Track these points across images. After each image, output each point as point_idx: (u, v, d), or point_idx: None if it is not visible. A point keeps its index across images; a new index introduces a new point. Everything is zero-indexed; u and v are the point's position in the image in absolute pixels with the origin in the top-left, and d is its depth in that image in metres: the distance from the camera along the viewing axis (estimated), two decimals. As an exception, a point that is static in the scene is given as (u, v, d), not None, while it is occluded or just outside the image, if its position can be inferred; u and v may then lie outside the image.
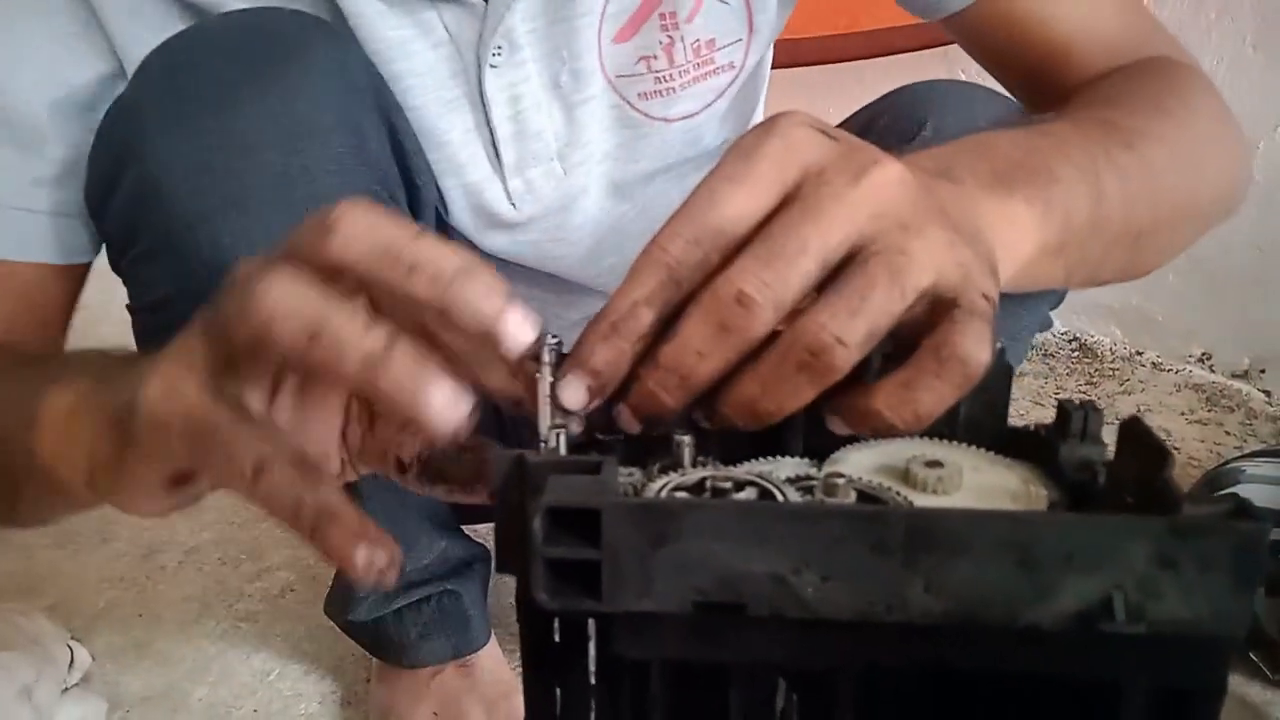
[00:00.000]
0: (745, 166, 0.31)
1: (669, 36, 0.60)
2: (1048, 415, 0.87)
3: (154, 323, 0.57)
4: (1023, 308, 0.62)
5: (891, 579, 0.25)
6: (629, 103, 0.62)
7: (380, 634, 0.77)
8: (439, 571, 0.75)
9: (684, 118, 0.63)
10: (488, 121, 0.60)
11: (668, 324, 0.31)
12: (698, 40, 0.61)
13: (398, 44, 0.56)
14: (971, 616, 0.25)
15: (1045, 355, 1.45)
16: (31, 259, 0.58)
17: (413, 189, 0.59)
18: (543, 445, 0.31)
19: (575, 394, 0.31)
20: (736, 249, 0.31)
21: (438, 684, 0.78)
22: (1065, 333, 1.48)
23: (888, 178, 0.31)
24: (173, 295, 0.53)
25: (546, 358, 0.31)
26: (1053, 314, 1.49)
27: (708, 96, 0.63)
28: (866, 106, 0.64)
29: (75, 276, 0.60)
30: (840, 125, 0.64)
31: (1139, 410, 1.30)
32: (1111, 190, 0.43)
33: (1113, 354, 1.43)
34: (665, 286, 0.31)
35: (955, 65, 1.30)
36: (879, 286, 0.30)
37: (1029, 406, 1.33)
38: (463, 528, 0.79)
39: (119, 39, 0.56)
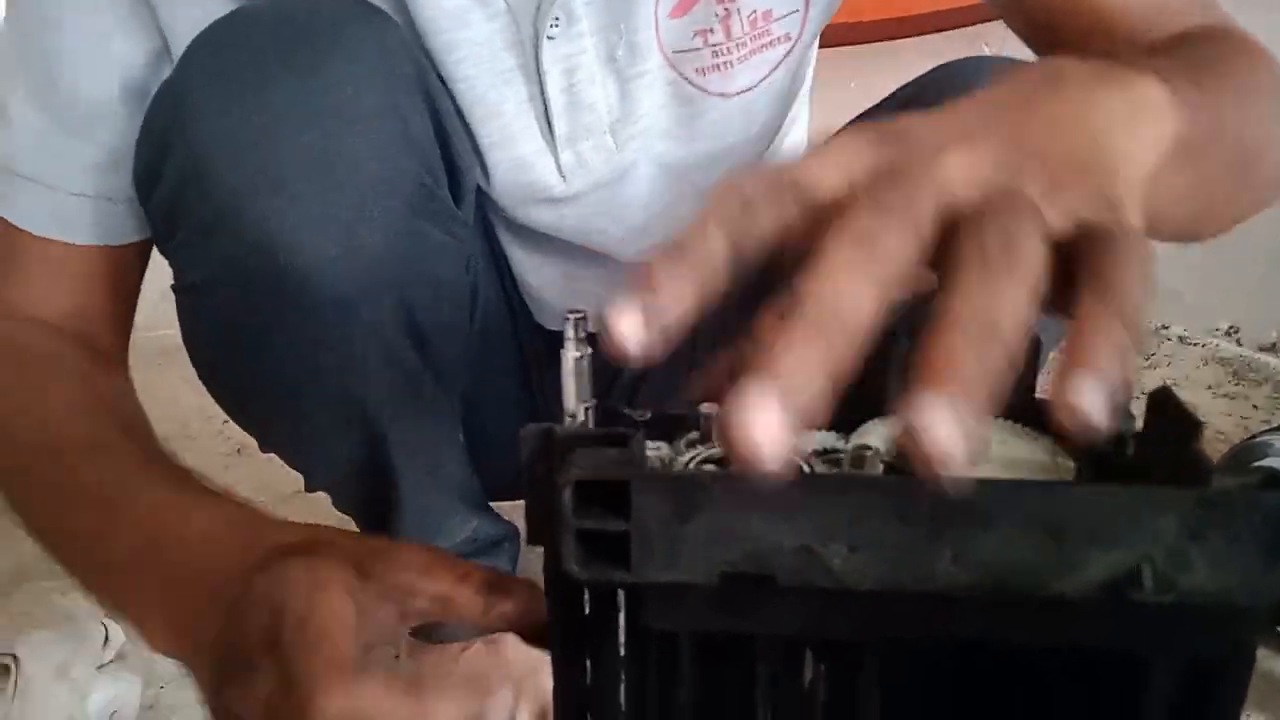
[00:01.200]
0: (819, 151, 0.28)
1: (725, 9, 0.60)
2: None
3: (198, 304, 0.58)
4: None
5: (919, 550, 0.25)
6: (686, 78, 0.62)
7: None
8: (468, 550, 0.76)
9: (741, 92, 0.63)
10: (542, 94, 0.60)
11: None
12: (754, 12, 0.61)
13: (455, 13, 0.56)
14: (999, 587, 0.25)
15: (1070, 330, 1.44)
16: (87, 241, 0.60)
17: (454, 172, 0.59)
18: (568, 420, 0.31)
19: (630, 323, 0.24)
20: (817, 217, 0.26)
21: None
22: (1090, 307, 1.47)
23: (962, 158, 0.27)
24: (217, 276, 0.54)
25: (572, 331, 0.31)
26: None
27: (764, 69, 0.63)
28: (907, 84, 0.64)
29: (138, 252, 0.62)
30: (881, 103, 0.63)
31: (1164, 384, 1.29)
32: (1223, 101, 0.39)
33: (1138, 328, 1.42)
34: (738, 218, 0.26)
35: (978, 44, 1.29)
36: (1021, 231, 0.25)
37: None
38: (492, 506, 0.80)
39: (165, 17, 0.56)
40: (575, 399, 0.31)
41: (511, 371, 0.75)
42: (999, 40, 0.62)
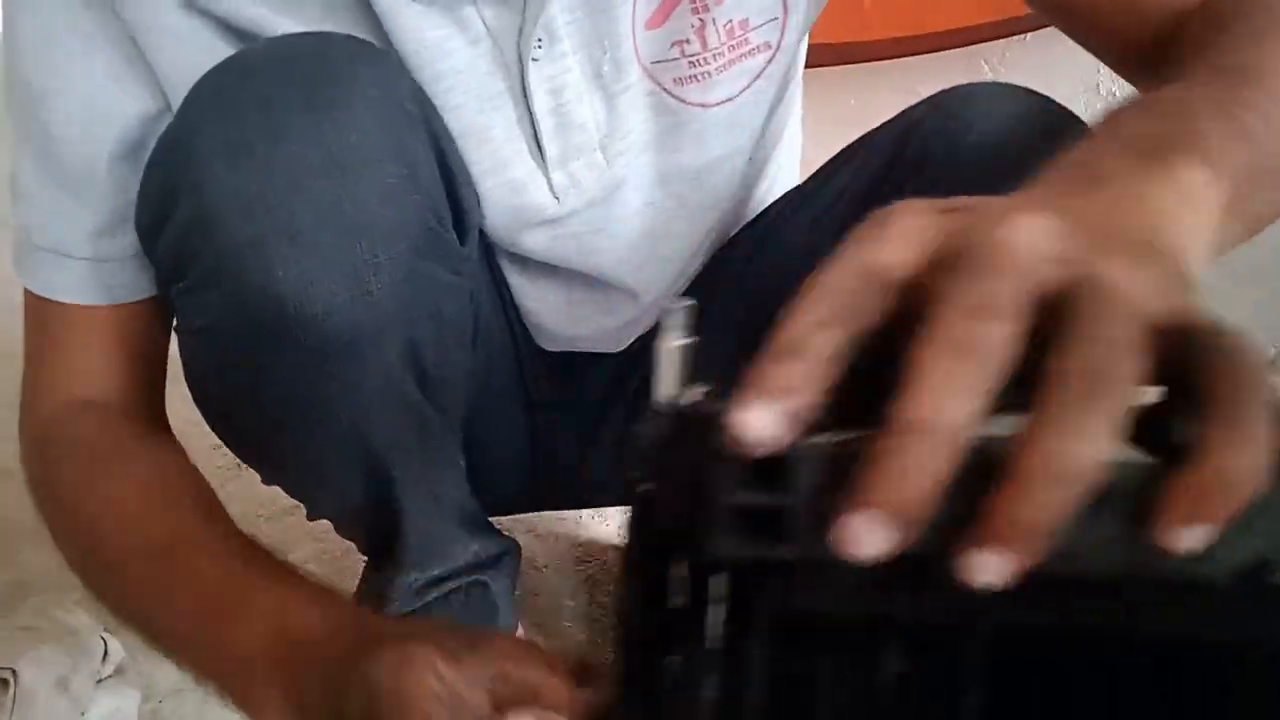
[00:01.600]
0: (877, 229, 0.27)
1: (700, 19, 0.60)
2: None
3: (204, 347, 0.58)
4: None
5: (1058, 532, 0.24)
6: (665, 89, 0.62)
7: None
8: (466, 569, 0.76)
9: (722, 102, 0.63)
10: (530, 116, 0.60)
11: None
12: (730, 21, 0.60)
13: (435, 44, 0.56)
14: (1139, 572, 0.24)
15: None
16: (107, 302, 0.61)
17: (458, 209, 0.59)
18: (657, 406, 0.28)
19: (759, 419, 0.24)
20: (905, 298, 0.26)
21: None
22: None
23: (1036, 222, 0.25)
24: (225, 322, 0.54)
25: (674, 319, 0.29)
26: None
27: (744, 79, 0.63)
28: (906, 111, 0.63)
29: (158, 305, 0.62)
30: (879, 128, 0.63)
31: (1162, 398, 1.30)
32: (1257, 127, 0.39)
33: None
34: (840, 311, 0.26)
35: (976, 62, 1.30)
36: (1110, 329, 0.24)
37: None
38: (491, 522, 0.80)
39: (163, 68, 0.56)
40: (675, 385, 0.28)
41: (511, 393, 0.75)
42: (998, 60, 0.62)
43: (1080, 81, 1.21)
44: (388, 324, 0.55)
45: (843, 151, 0.68)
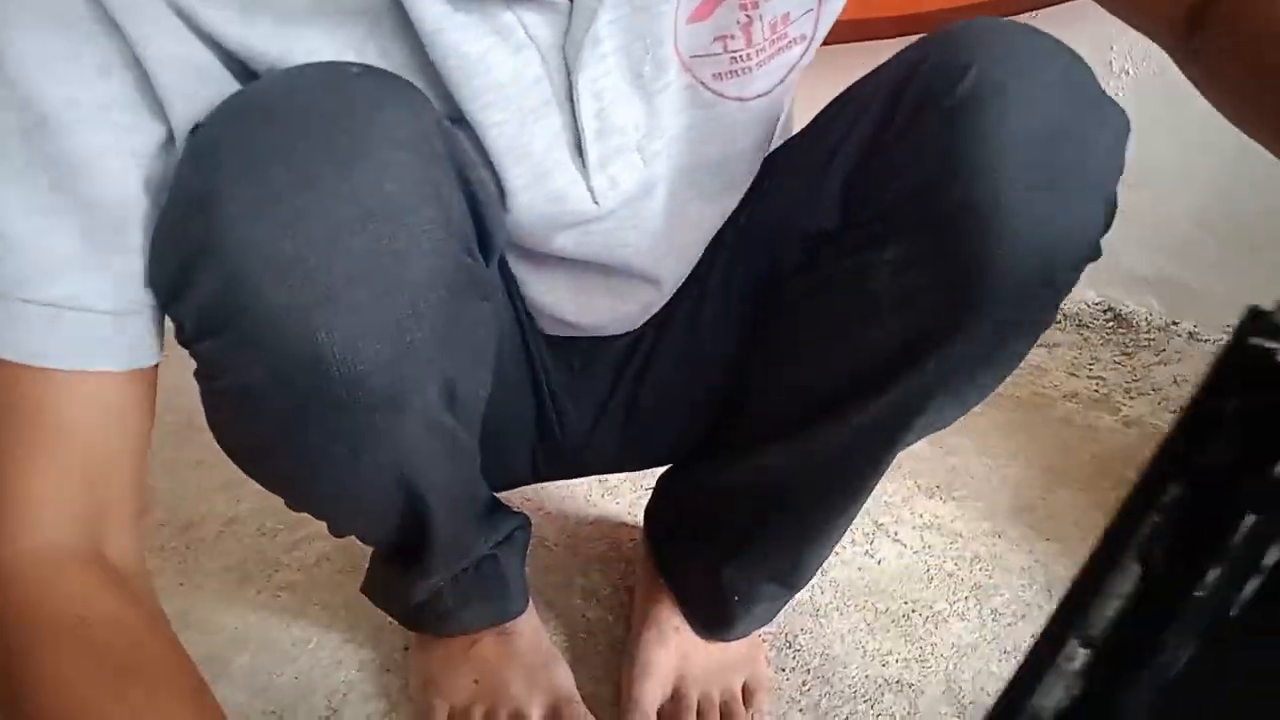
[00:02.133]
0: None
1: (748, 16, 0.58)
2: (1082, 386, 0.84)
3: (234, 403, 0.54)
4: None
5: None
6: (703, 83, 0.60)
7: (420, 608, 0.77)
8: (479, 554, 0.76)
9: (758, 96, 0.61)
10: (575, 122, 0.57)
11: None
12: (775, 17, 0.59)
13: (478, 57, 0.53)
14: None
15: (1080, 325, 1.43)
16: (99, 367, 0.50)
17: (484, 237, 0.57)
18: None
19: None
20: None
21: (477, 651, 0.79)
22: (1100, 303, 1.46)
23: None
24: (259, 382, 0.50)
25: None
26: (1089, 287, 1.48)
27: (781, 72, 0.61)
28: (906, 50, 0.60)
29: (148, 380, 0.53)
30: (880, 67, 0.61)
31: (1175, 381, 1.29)
32: None
33: (1149, 324, 1.41)
34: None
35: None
36: None
37: (1063, 378, 1.32)
38: (501, 498, 0.79)
39: (168, 96, 0.50)
40: None
41: (519, 378, 0.74)
42: None
43: (1094, 59, 1.19)
44: (428, 369, 0.53)
45: (838, 99, 0.66)
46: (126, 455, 0.52)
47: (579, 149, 0.58)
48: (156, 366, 0.53)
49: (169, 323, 0.53)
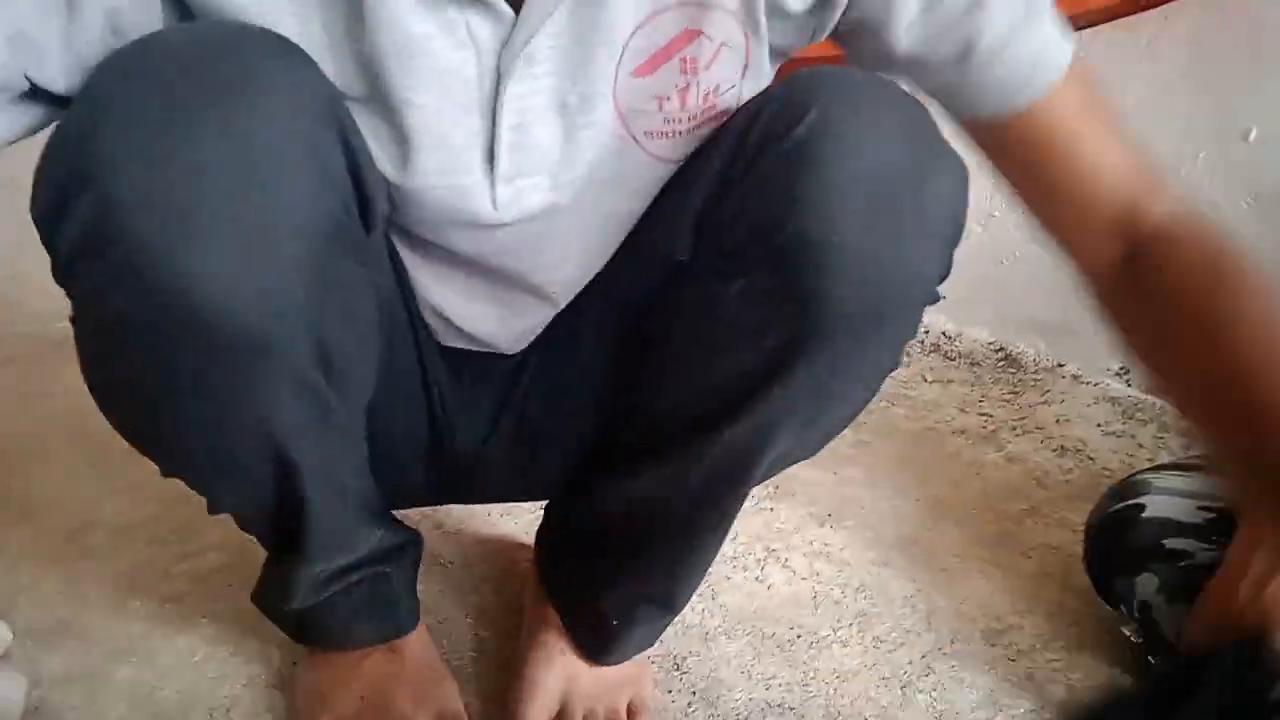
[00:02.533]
0: None
1: (686, 81, 0.61)
2: (973, 423, 0.87)
3: (101, 342, 0.56)
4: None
5: None
6: (633, 137, 0.63)
7: (309, 619, 0.77)
8: (372, 557, 0.76)
9: (679, 159, 0.64)
10: (493, 129, 0.60)
11: None
12: (709, 88, 0.62)
13: (420, 39, 0.56)
14: None
15: (972, 364, 1.49)
16: None
17: (363, 201, 0.59)
18: None
19: None
20: None
21: (366, 667, 0.79)
22: (992, 343, 1.52)
23: None
24: (125, 318, 0.52)
25: None
26: (983, 327, 1.53)
27: (699, 140, 0.64)
28: (756, 96, 0.63)
29: None
30: (737, 110, 0.64)
31: (1057, 420, 1.35)
32: None
33: (1036, 365, 1.48)
34: None
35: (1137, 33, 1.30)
36: None
37: (955, 413, 1.37)
38: (395, 514, 0.80)
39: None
40: None
41: (411, 387, 0.75)
42: (1152, 34, 0.67)
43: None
44: (297, 318, 0.55)
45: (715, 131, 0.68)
46: None
47: (492, 157, 0.60)
48: None
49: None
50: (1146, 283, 0.65)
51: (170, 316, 0.51)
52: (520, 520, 1.07)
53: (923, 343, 1.53)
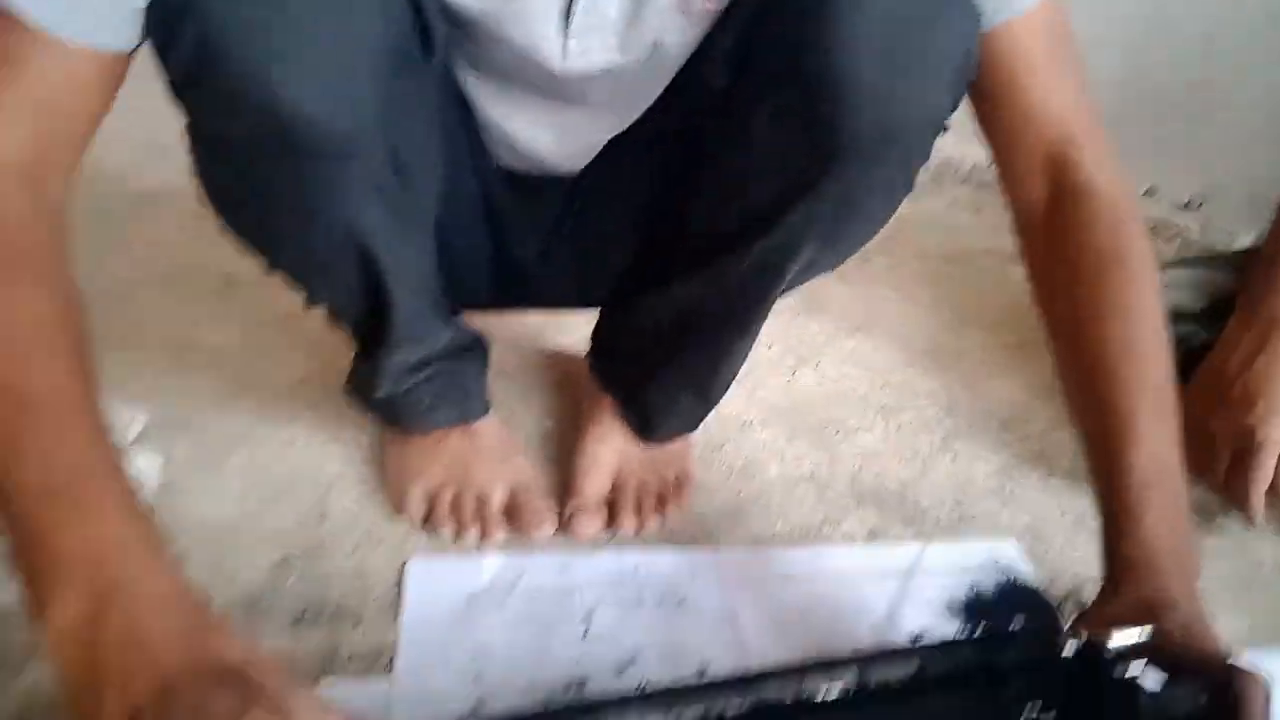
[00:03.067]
0: None
1: None
2: (1003, 244, 0.93)
3: (213, 151, 0.67)
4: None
5: None
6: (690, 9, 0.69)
7: (395, 405, 0.89)
8: (443, 354, 0.87)
9: (724, 6, 0.69)
10: None
11: None
12: None
13: None
14: None
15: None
16: (112, 45, 0.58)
17: (424, 31, 0.67)
18: None
19: None
20: None
21: (448, 445, 0.91)
22: (1025, 171, 1.56)
23: None
24: (232, 133, 0.62)
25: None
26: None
27: None
28: None
29: (117, 72, 0.60)
30: None
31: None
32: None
33: (1067, 190, 1.52)
34: None
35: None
36: None
37: (985, 236, 1.43)
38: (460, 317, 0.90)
39: None
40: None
41: (474, 204, 0.84)
42: None
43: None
44: (373, 127, 0.64)
45: None
46: (76, 122, 0.60)
47: (569, 11, 0.68)
48: (127, 67, 0.60)
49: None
50: (1054, 243, 0.69)
51: (264, 132, 0.61)
52: (572, 336, 1.17)
53: (956, 171, 1.59)
